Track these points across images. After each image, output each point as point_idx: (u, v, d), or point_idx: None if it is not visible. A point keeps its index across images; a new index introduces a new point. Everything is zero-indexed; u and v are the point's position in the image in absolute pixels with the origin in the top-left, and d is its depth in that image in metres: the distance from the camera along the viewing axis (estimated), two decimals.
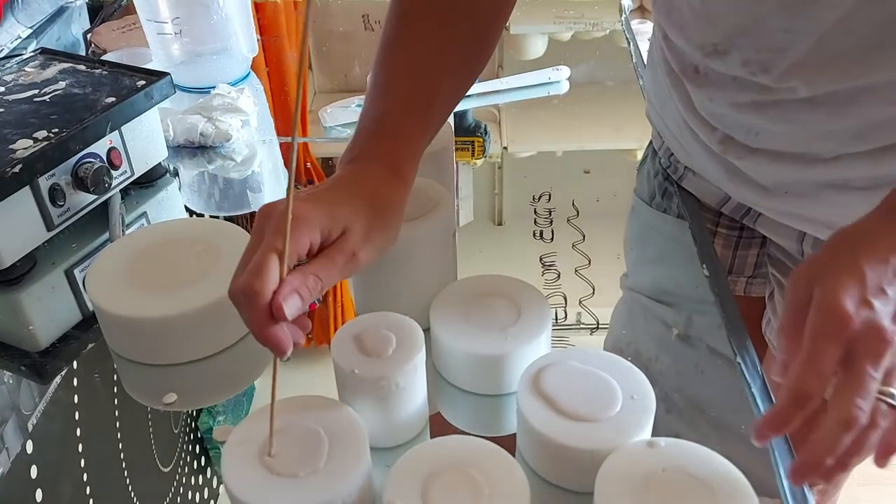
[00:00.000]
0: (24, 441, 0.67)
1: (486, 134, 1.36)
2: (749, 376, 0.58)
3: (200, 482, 1.49)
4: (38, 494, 0.77)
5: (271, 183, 1.16)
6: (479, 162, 1.65)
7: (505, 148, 1.16)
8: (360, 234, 0.50)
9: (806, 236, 0.67)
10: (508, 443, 0.52)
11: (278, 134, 1.05)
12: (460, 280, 0.64)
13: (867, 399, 0.41)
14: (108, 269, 0.63)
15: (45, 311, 0.73)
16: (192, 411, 1.59)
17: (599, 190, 0.88)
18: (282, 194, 0.47)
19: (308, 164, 1.58)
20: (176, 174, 0.92)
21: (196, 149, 0.94)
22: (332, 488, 0.46)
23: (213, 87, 0.98)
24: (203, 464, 1.52)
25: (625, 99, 1.18)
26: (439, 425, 0.59)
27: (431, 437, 0.57)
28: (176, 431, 1.44)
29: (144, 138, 0.83)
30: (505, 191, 1.09)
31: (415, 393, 0.55)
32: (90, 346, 0.71)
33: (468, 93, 0.62)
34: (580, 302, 0.72)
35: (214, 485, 1.55)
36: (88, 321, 0.73)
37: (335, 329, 0.90)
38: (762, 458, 0.52)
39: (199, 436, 1.55)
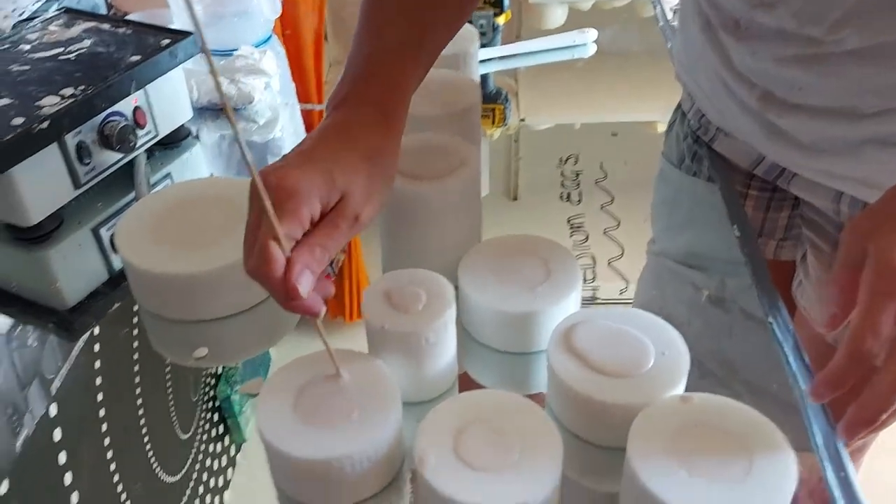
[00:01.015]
0: (48, 404, 0.67)
1: (507, 101, 1.35)
2: (781, 336, 0.57)
3: (219, 450, 1.51)
4: (62, 457, 0.78)
5: (291, 147, 1.16)
6: (497, 133, 1.63)
7: (522, 120, 1.14)
8: (360, 195, 0.49)
9: (843, 196, 0.66)
10: (536, 402, 0.52)
11: (299, 99, 1.04)
12: (488, 240, 0.63)
13: None
14: (137, 225, 0.63)
15: (72, 269, 0.73)
16: (211, 379, 1.60)
17: (627, 154, 0.87)
18: None
19: None
20: (198, 137, 0.91)
21: (219, 111, 0.94)
22: (365, 438, 0.46)
23: (235, 50, 0.97)
24: (221, 432, 1.54)
25: (647, 68, 1.16)
26: (466, 384, 0.59)
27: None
28: (194, 399, 1.45)
29: (169, 98, 0.82)
30: (521, 164, 1.07)
31: (444, 349, 0.54)
32: (116, 305, 0.72)
33: (488, 56, 0.61)
34: (609, 263, 0.71)
35: (232, 452, 1.56)
36: (114, 280, 0.73)
37: (349, 302, 0.90)
38: (795, 418, 0.52)
39: (218, 404, 1.57)
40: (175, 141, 0.87)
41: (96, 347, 0.72)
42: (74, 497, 0.86)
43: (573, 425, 0.51)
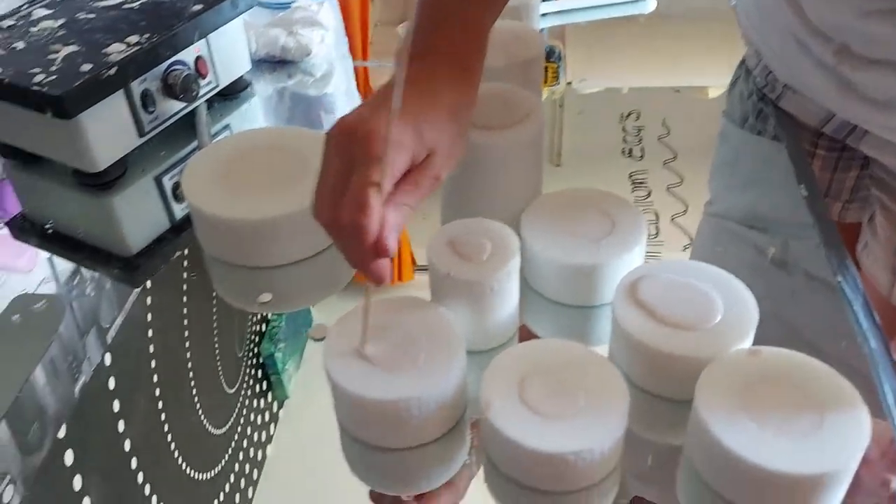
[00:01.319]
0: (104, 353, 0.69)
1: (560, 60, 1.33)
2: (851, 295, 0.56)
3: (262, 406, 1.54)
4: (116, 405, 0.80)
5: (343, 104, 1.16)
6: (545, 94, 1.61)
7: (569, 83, 1.12)
8: (444, 155, 0.48)
9: None
10: None
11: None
12: (549, 193, 0.63)
13: None
14: (204, 171, 0.64)
15: (135, 216, 0.75)
16: (255, 336, 1.62)
17: (689, 110, 0.85)
18: None
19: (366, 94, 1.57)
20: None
21: (276, 63, 0.94)
22: (432, 382, 0.47)
23: (293, 2, 0.97)
24: (265, 388, 1.57)
25: (704, 31, 1.13)
26: (525, 337, 0.59)
27: None
28: (240, 355, 1.48)
29: (229, 48, 0.83)
30: (565, 130, 1.05)
31: (507, 298, 0.55)
32: (175, 255, 0.73)
33: (546, 11, 0.60)
34: (672, 219, 0.70)
35: (275, 409, 1.59)
36: (175, 229, 0.74)
37: (394, 269, 0.91)
38: (859, 381, 0.51)
39: (262, 361, 1.60)
40: (234, 92, 0.87)
41: (148, 301, 0.74)
42: (127, 444, 0.88)
43: (637, 378, 0.51)
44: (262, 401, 1.47)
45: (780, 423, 0.43)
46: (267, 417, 1.49)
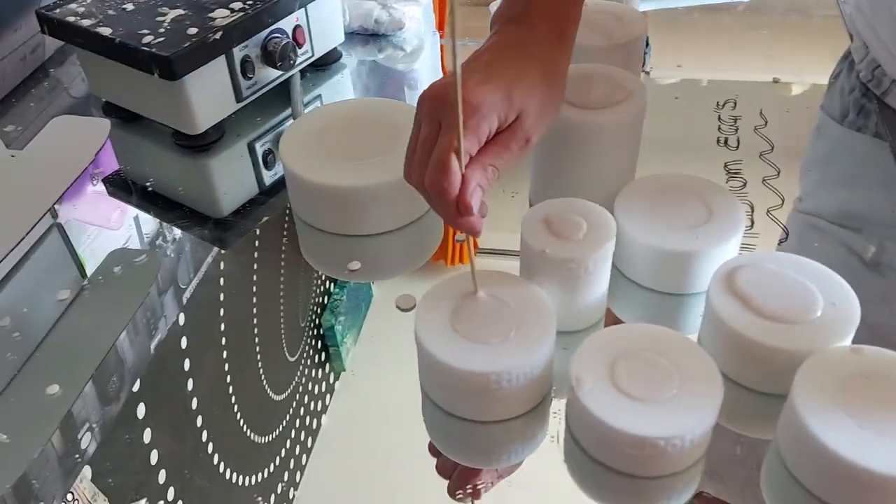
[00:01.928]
0: (178, 312, 0.71)
1: (647, 46, 1.30)
2: None
3: (320, 375, 1.56)
4: (187, 364, 0.83)
5: (427, 81, 1.16)
6: None
7: (647, 72, 1.09)
8: (534, 117, 0.49)
9: None
10: None
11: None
12: (645, 176, 0.62)
13: None
14: (300, 137, 0.65)
15: (229, 180, 0.77)
16: (318, 308, 1.64)
17: (788, 102, 0.83)
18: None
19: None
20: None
21: (368, 36, 0.95)
22: (522, 356, 0.47)
23: None
24: (323, 359, 1.60)
25: (804, 27, 1.09)
26: (611, 321, 0.59)
27: None
28: (302, 325, 1.51)
29: (325, 19, 0.84)
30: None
31: (600, 280, 0.54)
32: (264, 219, 0.74)
33: None
34: (768, 212, 0.69)
35: (332, 380, 1.62)
36: (265, 194, 0.76)
37: (451, 247, 0.91)
38: None
39: (322, 332, 1.62)
40: (327, 63, 0.89)
41: (222, 265, 0.76)
42: (194, 403, 0.91)
43: (730, 369, 0.50)
44: (320, 371, 1.49)
45: (880, 423, 0.42)
46: (324, 388, 1.51)
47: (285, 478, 1.33)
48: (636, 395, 0.45)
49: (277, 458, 1.32)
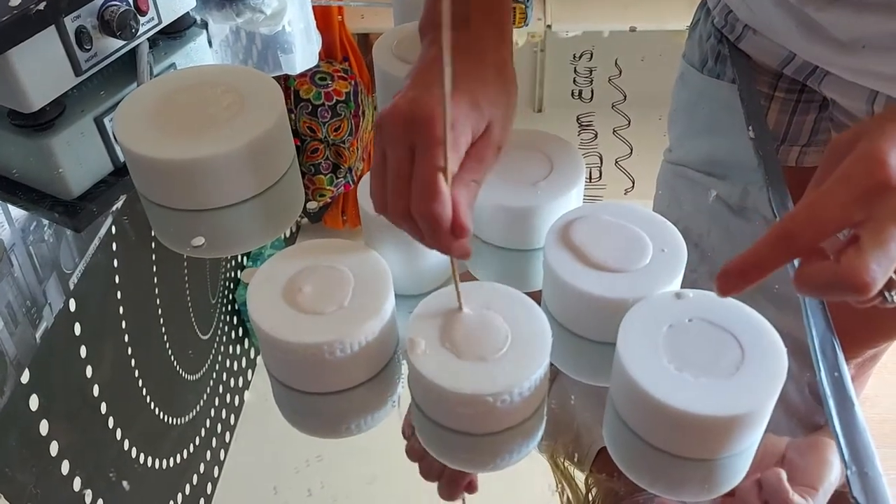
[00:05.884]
0: (67, 299, 0.68)
1: (528, 0, 1.29)
2: None
3: (238, 352, 1.53)
4: (83, 351, 0.80)
5: (302, 44, 1.13)
6: (521, 41, 1.57)
7: (549, 26, 1.09)
8: (502, 124, 0.47)
9: (878, 96, 0.63)
10: (535, 298, 0.52)
11: None
12: None
13: (884, 267, 0.35)
14: (136, 111, 0.62)
15: (76, 157, 0.73)
16: (229, 283, 1.61)
17: (644, 50, 0.83)
18: (312, 57, 0.44)
19: (343, 38, 1.53)
20: (205, 26, 0.89)
21: (224, 0, 0.91)
22: (355, 324, 0.47)
23: None
24: (241, 334, 1.56)
25: None
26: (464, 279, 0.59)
27: None
28: (213, 301, 1.47)
29: None
30: (546, 74, 1.02)
31: None
32: (122, 198, 0.71)
33: None
34: (616, 162, 0.69)
35: (252, 355, 1.59)
36: (120, 171, 0.73)
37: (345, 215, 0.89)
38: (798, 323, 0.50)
39: (237, 308, 1.58)
40: (179, 30, 0.85)
41: (114, 246, 0.73)
42: (95, 389, 0.88)
43: (565, 320, 0.51)
44: (238, 347, 1.47)
45: (700, 365, 0.43)
46: (244, 364, 1.49)
47: (208, 457, 1.31)
48: (468, 355, 0.45)
49: (197, 438, 1.29)
